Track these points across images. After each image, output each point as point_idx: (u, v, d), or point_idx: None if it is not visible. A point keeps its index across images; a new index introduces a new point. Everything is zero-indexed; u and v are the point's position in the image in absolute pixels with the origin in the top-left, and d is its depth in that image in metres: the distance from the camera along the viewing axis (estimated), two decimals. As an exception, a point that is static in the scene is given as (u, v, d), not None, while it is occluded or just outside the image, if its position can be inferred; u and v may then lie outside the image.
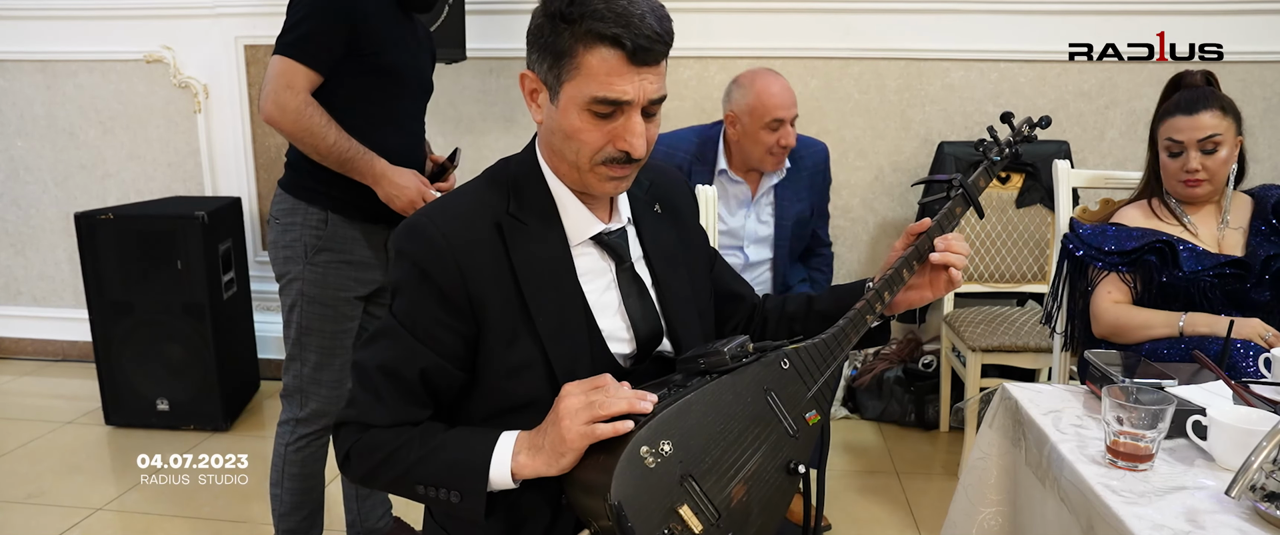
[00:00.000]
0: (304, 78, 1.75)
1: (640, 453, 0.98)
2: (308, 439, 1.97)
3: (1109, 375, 1.32)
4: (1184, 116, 1.77)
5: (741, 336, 1.10)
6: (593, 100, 1.04)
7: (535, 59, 1.08)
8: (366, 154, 1.81)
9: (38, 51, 3.47)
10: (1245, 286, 1.74)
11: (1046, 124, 1.43)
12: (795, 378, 1.12)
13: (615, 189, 1.13)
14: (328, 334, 1.91)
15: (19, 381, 3.55)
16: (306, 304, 1.90)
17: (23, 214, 3.68)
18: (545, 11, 1.06)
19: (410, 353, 1.10)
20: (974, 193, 1.33)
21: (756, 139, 2.29)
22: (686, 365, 1.10)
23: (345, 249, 1.89)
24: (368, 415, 1.11)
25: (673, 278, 1.23)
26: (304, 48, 1.75)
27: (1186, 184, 1.79)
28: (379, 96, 1.85)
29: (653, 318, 1.20)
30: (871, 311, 1.21)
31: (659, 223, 1.25)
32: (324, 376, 1.93)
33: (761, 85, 2.27)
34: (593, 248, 1.17)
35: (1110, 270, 1.81)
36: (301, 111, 1.75)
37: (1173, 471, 1.13)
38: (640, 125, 1.07)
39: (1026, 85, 3.11)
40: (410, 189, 1.83)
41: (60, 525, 2.37)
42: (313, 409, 1.95)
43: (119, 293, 2.93)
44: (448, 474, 1.07)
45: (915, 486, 2.63)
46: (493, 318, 1.09)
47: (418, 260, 1.08)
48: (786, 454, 1.10)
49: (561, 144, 1.10)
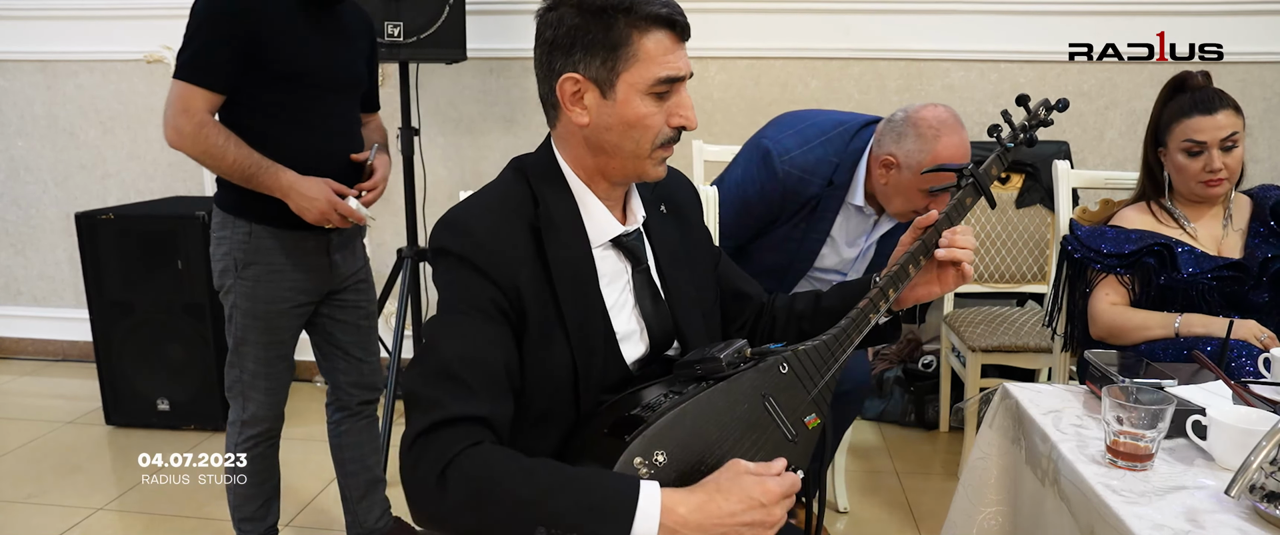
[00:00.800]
0: (200, 99, 1.74)
1: (634, 463, 0.97)
2: (254, 441, 1.99)
3: (1109, 375, 1.32)
4: (1204, 116, 1.76)
5: (739, 341, 1.09)
6: (656, 81, 1.07)
7: (579, 59, 1.07)
8: (272, 168, 1.79)
9: (38, 51, 3.47)
10: (1244, 288, 1.74)
11: (1064, 107, 1.37)
12: (794, 382, 1.11)
13: (664, 172, 1.15)
14: (262, 344, 1.92)
15: (19, 381, 3.55)
16: (241, 316, 1.90)
17: (23, 214, 3.68)
18: (582, 10, 1.06)
19: (485, 336, 1.03)
20: (985, 182, 1.30)
21: (908, 197, 1.86)
22: (683, 371, 1.10)
23: (272, 261, 1.88)
24: (463, 408, 0.98)
25: (679, 279, 1.23)
26: (196, 68, 1.74)
27: (1208, 184, 1.77)
28: (288, 103, 1.83)
29: (666, 320, 1.20)
30: (875, 309, 1.20)
31: (665, 223, 1.25)
32: (261, 383, 1.94)
33: (944, 146, 1.80)
34: (611, 250, 1.17)
35: (1108, 272, 1.81)
36: (197, 134, 1.74)
37: (1173, 471, 1.13)
38: (690, 98, 1.11)
39: (1026, 85, 3.11)
40: (319, 200, 1.80)
41: (61, 525, 2.37)
42: (252, 412, 1.96)
43: (119, 292, 2.93)
44: (587, 517, 0.92)
45: (915, 486, 2.63)
46: (532, 319, 1.08)
47: (468, 255, 1.05)
48: (786, 459, 1.09)
49: (619, 137, 1.10)
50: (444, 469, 0.94)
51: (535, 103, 3.63)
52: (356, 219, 1.87)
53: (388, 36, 2.68)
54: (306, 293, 1.94)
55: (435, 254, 1.10)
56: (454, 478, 0.94)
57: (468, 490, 0.94)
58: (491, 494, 0.93)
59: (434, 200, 3.29)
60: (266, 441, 2.01)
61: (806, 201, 1.92)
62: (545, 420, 1.10)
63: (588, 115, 1.10)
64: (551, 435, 1.10)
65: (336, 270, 1.99)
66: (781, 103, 3.16)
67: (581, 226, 1.14)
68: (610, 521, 0.92)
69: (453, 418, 0.97)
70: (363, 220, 1.89)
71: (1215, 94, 1.78)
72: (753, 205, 1.95)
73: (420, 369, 1.03)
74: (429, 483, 0.95)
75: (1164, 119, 1.83)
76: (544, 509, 0.92)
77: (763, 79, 3.16)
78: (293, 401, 3.33)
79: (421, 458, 0.96)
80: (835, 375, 1.16)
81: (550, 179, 1.14)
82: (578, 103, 1.10)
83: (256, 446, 1.99)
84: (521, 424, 1.09)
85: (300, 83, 1.82)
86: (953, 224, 1.25)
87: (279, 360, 1.95)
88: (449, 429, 0.97)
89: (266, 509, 2.07)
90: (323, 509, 2.46)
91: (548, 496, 0.92)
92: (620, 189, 1.19)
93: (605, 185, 1.16)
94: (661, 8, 1.06)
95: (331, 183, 1.84)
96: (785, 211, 1.94)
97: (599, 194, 1.15)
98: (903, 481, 2.66)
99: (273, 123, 1.82)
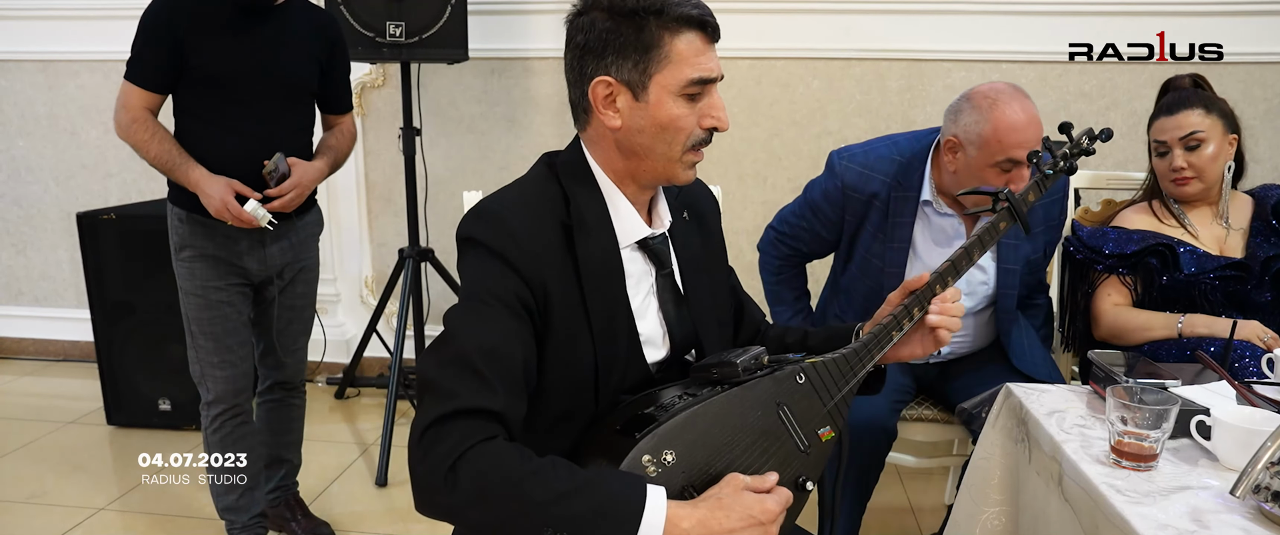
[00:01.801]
0: (137, 97, 1.92)
1: (643, 461, 0.97)
2: (220, 421, 2.08)
3: (1113, 376, 1.32)
4: (1166, 117, 1.82)
5: (757, 348, 1.09)
6: (689, 83, 1.07)
7: (611, 62, 1.08)
8: (184, 164, 1.93)
9: (39, 51, 3.47)
10: (1246, 288, 1.75)
11: (1108, 137, 1.34)
12: (810, 392, 1.11)
13: (693, 175, 1.15)
14: (206, 321, 2.02)
15: (20, 382, 3.55)
16: (185, 297, 2.04)
17: (24, 214, 3.67)
18: (613, 14, 1.06)
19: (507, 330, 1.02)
20: (1021, 207, 1.27)
21: (981, 178, 1.72)
22: (699, 374, 1.10)
23: (204, 246, 2.00)
24: (479, 400, 0.96)
25: (700, 285, 1.23)
26: (135, 68, 1.92)
27: (1176, 182, 1.81)
28: (211, 103, 1.94)
29: (687, 324, 1.20)
30: (898, 327, 1.19)
31: (687, 230, 1.25)
32: (214, 360, 2.04)
33: (1002, 114, 1.68)
34: (637, 252, 1.17)
35: (1110, 273, 1.81)
36: (129, 128, 1.92)
37: (1177, 471, 1.13)
38: (722, 99, 1.12)
39: (1027, 86, 3.05)
40: (215, 198, 1.91)
41: (62, 525, 2.37)
42: (213, 393, 2.06)
43: (121, 293, 2.92)
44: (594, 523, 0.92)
45: (915, 486, 2.63)
46: (557, 317, 1.07)
47: (499, 248, 1.05)
48: (796, 469, 1.09)
49: (652, 139, 1.10)
50: (454, 463, 0.93)
51: (536, 103, 3.63)
52: (247, 223, 1.94)
53: (389, 36, 2.68)
54: (240, 276, 2.05)
55: (464, 242, 1.09)
56: (464, 473, 0.93)
57: (477, 487, 0.92)
58: (500, 493, 0.92)
59: (435, 200, 3.29)
60: (231, 419, 2.09)
61: (871, 200, 1.87)
62: (565, 419, 1.10)
63: (620, 118, 1.10)
64: (570, 434, 1.10)
65: (271, 260, 2.08)
66: (782, 103, 3.17)
67: (610, 226, 1.14)
68: (616, 530, 0.92)
69: (467, 409, 0.95)
70: (257, 224, 1.96)
71: (1186, 96, 1.82)
72: (818, 206, 1.94)
73: (437, 356, 1.01)
74: (438, 475, 0.93)
75: (1150, 120, 1.88)
76: (552, 512, 0.92)
77: (764, 79, 3.16)
78: (295, 401, 3.33)
79: (432, 449, 0.94)
80: (854, 389, 1.15)
81: (581, 178, 1.14)
82: (610, 106, 1.10)
83: (223, 425, 2.08)
84: (540, 423, 1.09)
85: (222, 85, 1.94)
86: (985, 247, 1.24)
87: (229, 336, 2.04)
88: (462, 421, 0.95)
89: (249, 499, 2.14)
90: (322, 509, 2.46)
91: (557, 500, 0.92)
92: (648, 192, 1.19)
93: (634, 188, 1.16)
94: (693, 9, 1.07)
95: (234, 184, 1.93)
96: (851, 212, 1.89)
97: (628, 196, 1.15)
98: (903, 482, 2.66)
99: (195, 122, 1.96)
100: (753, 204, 3.25)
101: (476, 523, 0.97)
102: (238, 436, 2.10)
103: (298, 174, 2.02)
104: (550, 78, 3.23)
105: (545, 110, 3.26)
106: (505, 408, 0.98)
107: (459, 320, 1.04)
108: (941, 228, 1.86)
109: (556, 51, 3.16)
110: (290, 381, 2.27)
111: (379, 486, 2.60)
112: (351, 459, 2.81)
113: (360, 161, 3.39)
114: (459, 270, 1.11)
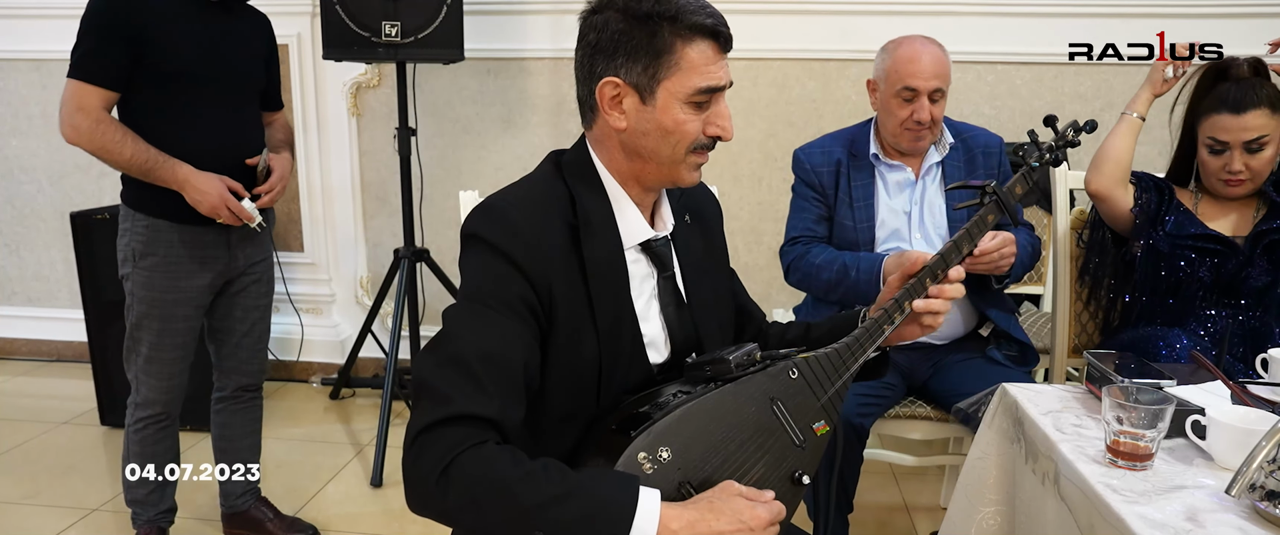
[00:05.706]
0: (94, 97, 1.80)
1: (638, 458, 0.98)
2: (144, 423, 2.06)
3: (1108, 375, 1.32)
4: (1230, 115, 1.65)
5: (750, 345, 1.09)
6: (696, 91, 1.08)
7: (621, 64, 1.08)
8: (168, 162, 1.85)
9: (32, 50, 3.46)
10: (1233, 266, 1.67)
11: (1092, 128, 1.35)
12: (804, 388, 1.12)
13: (697, 178, 1.15)
14: (155, 332, 1.98)
15: (14, 382, 3.53)
16: (137, 304, 1.97)
17: (18, 213, 3.66)
18: (627, 16, 1.06)
19: (508, 333, 1.01)
20: (1008, 200, 1.28)
21: (890, 110, 1.98)
22: (693, 372, 1.10)
23: (168, 253, 1.94)
24: (474, 405, 0.96)
25: (701, 288, 1.23)
26: (87, 67, 1.80)
27: (1228, 183, 1.70)
28: (177, 100, 1.88)
29: (688, 326, 1.20)
30: (889, 321, 1.19)
31: (690, 232, 1.25)
32: (153, 369, 2.01)
33: (903, 50, 1.95)
34: (640, 254, 1.17)
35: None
36: (94, 131, 1.80)
37: (1172, 471, 1.13)
38: (728, 108, 1.12)
39: (1023, 87, 3.12)
40: (211, 194, 1.86)
41: (56, 526, 2.36)
42: (144, 396, 2.03)
43: (115, 293, 2.88)
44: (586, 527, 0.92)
45: (914, 487, 2.63)
46: (561, 318, 1.07)
47: (504, 248, 1.04)
48: (792, 464, 1.09)
49: (656, 142, 1.10)
50: (446, 467, 0.93)
51: (532, 103, 3.62)
52: (247, 219, 1.93)
53: (385, 36, 2.67)
54: (203, 285, 2.01)
55: (469, 239, 1.08)
56: (455, 477, 0.93)
57: (468, 491, 0.92)
58: (492, 497, 0.92)
59: (430, 200, 3.29)
60: (155, 424, 2.06)
61: (836, 168, 2.08)
62: (567, 420, 1.10)
63: (625, 120, 1.10)
64: (571, 434, 1.10)
65: (235, 261, 2.05)
66: (778, 103, 3.17)
67: (615, 227, 1.14)
68: (608, 532, 0.92)
69: (460, 415, 0.95)
70: (253, 220, 1.94)
71: (1251, 91, 1.65)
72: (804, 194, 2.11)
73: (434, 357, 1.00)
74: (430, 480, 0.93)
75: (1202, 107, 1.72)
76: (544, 515, 0.92)
77: (760, 80, 3.16)
78: (292, 401, 3.34)
79: (423, 453, 0.94)
80: (847, 384, 1.16)
81: (586, 178, 1.14)
82: (616, 107, 1.10)
83: (145, 428, 2.07)
84: (542, 423, 1.09)
85: (186, 81, 1.88)
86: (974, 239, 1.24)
87: (174, 348, 2.01)
88: (455, 426, 0.95)
89: (159, 495, 2.12)
90: (317, 510, 2.45)
91: (548, 503, 0.92)
92: (652, 194, 1.19)
93: (638, 189, 1.16)
94: (707, 18, 1.07)
95: (228, 180, 1.90)
96: (825, 183, 2.09)
97: (633, 197, 1.16)
98: (901, 482, 2.66)
99: (160, 120, 1.87)
100: (748, 205, 3.25)
101: (469, 526, 0.97)
102: (159, 440, 2.09)
103: (279, 170, 2.01)
104: (546, 78, 3.23)
105: (541, 110, 3.25)
106: (500, 413, 0.98)
107: (458, 321, 1.03)
108: (894, 181, 2.08)
109: (552, 52, 3.15)
110: (255, 383, 2.24)
111: (374, 487, 2.60)
112: (346, 460, 2.80)
113: (356, 161, 3.38)
114: (461, 266, 1.10)
